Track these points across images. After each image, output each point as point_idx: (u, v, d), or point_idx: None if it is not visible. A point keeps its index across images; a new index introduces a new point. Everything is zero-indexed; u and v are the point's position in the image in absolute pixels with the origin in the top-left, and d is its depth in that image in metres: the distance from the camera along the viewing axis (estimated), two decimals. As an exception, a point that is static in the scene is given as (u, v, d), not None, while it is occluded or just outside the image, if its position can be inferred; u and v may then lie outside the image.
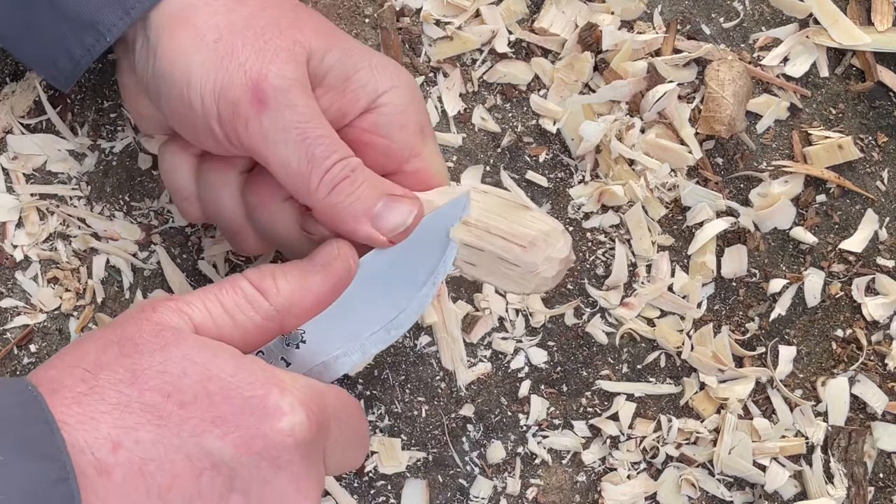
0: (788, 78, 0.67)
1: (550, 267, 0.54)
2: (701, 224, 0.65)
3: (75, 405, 0.44)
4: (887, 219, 0.66)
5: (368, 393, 0.64)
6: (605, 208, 0.65)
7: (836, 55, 0.67)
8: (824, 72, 0.67)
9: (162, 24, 0.52)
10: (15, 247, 0.63)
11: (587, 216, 0.65)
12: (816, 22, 0.67)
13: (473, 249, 0.54)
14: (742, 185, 0.66)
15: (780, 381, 0.65)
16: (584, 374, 0.65)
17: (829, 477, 0.64)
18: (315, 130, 0.51)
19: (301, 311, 0.51)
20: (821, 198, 0.66)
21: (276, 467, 0.46)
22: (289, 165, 0.51)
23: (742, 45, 0.67)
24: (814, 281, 0.65)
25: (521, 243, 0.54)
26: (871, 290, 0.66)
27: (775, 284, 0.65)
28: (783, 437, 0.64)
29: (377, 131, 0.54)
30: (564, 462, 0.64)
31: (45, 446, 0.43)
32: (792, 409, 0.65)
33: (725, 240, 0.66)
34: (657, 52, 0.66)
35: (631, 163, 0.65)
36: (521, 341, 0.64)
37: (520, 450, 0.64)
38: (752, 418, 0.64)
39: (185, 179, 0.56)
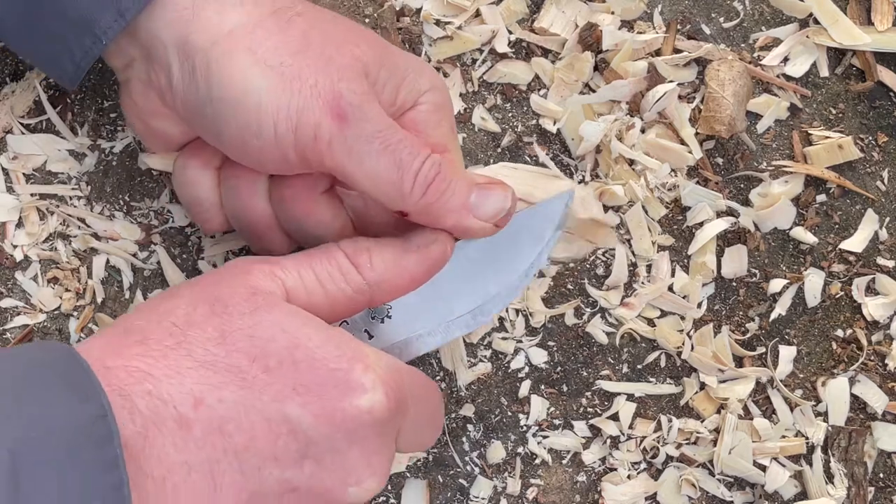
0: (788, 78, 0.67)
1: (594, 233, 0.58)
2: (701, 224, 0.65)
3: (162, 358, 0.45)
4: (887, 219, 0.66)
5: (368, 393, 0.64)
6: (605, 208, 0.65)
7: (837, 55, 0.67)
8: (824, 72, 0.67)
9: (210, 48, 0.51)
10: (15, 247, 0.63)
11: (587, 216, 0.65)
12: (816, 22, 0.67)
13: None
14: (742, 185, 0.66)
15: (781, 381, 0.65)
16: (585, 374, 0.65)
17: (830, 477, 0.64)
18: (394, 136, 0.52)
19: (392, 289, 0.52)
20: (821, 198, 0.66)
21: (351, 441, 0.47)
22: (378, 176, 0.51)
23: (742, 45, 0.67)
24: (814, 281, 0.65)
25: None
26: (871, 290, 0.66)
27: (775, 284, 0.65)
28: (783, 437, 0.64)
29: (416, 127, 0.55)
30: (564, 462, 0.64)
31: (83, 388, 0.43)
32: (792, 409, 0.65)
33: (725, 240, 0.66)
34: (657, 52, 0.66)
35: (631, 163, 0.65)
36: (521, 341, 0.64)
37: (520, 450, 0.64)
38: (752, 418, 0.64)
39: (208, 191, 0.56)
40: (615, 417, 0.64)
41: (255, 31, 0.52)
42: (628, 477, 0.64)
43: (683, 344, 0.64)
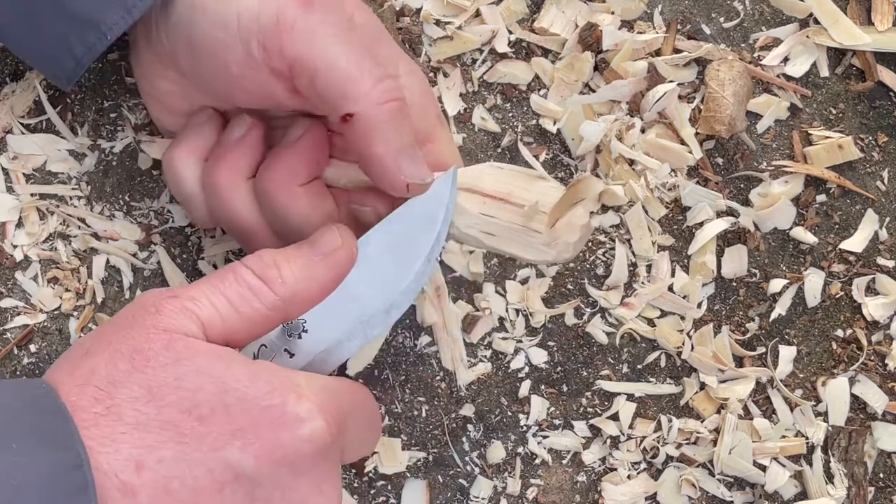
0: (788, 78, 0.67)
1: (572, 233, 0.55)
2: (701, 224, 0.65)
3: (93, 427, 0.44)
4: (887, 219, 0.66)
5: (368, 393, 0.64)
6: (605, 208, 0.65)
7: (837, 55, 0.67)
8: (824, 72, 0.67)
9: None
10: (15, 247, 0.63)
11: (587, 216, 0.65)
12: (816, 22, 0.67)
13: (493, 220, 0.55)
14: (742, 185, 0.66)
15: (781, 381, 0.65)
16: (585, 374, 0.65)
17: (830, 477, 0.64)
18: (360, 42, 0.51)
19: (305, 300, 0.51)
20: (821, 198, 0.66)
21: (297, 474, 0.46)
22: (337, 67, 0.50)
23: (742, 45, 0.67)
24: (814, 281, 0.65)
25: (543, 210, 0.55)
26: (871, 290, 0.66)
27: (775, 284, 0.65)
28: (783, 437, 0.64)
29: None
30: (564, 462, 0.64)
31: (59, 435, 0.43)
32: (792, 409, 0.65)
33: (725, 240, 0.66)
34: (657, 52, 0.66)
35: (631, 163, 0.65)
36: (521, 341, 0.64)
37: (520, 450, 0.64)
38: (752, 418, 0.64)
39: (194, 185, 0.56)
40: (615, 417, 0.64)
41: None
42: (628, 477, 0.64)
43: (683, 344, 0.64)
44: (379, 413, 0.54)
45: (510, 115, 0.66)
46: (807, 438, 0.64)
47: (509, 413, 0.64)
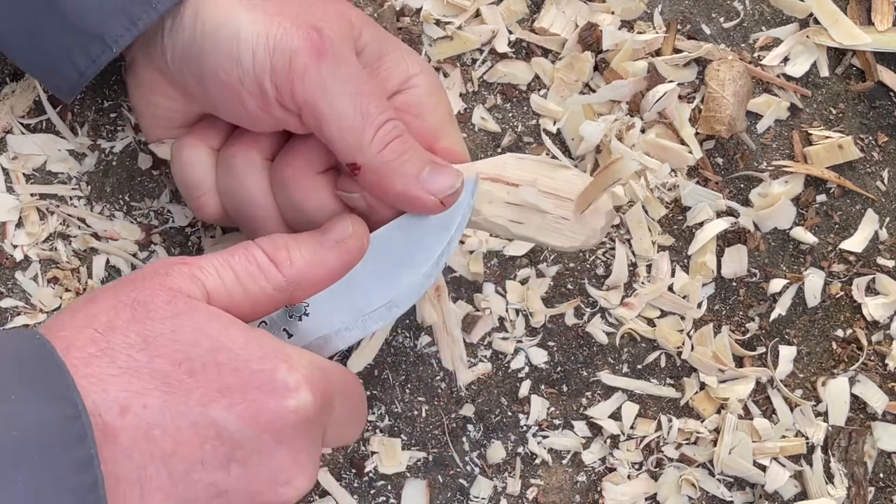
0: (788, 78, 0.67)
1: (598, 218, 0.56)
2: (701, 224, 0.65)
3: (84, 366, 0.45)
4: (887, 219, 0.66)
5: (369, 393, 0.64)
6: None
7: (837, 55, 0.67)
8: (824, 72, 0.67)
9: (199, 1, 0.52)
10: (15, 247, 0.63)
11: (587, 216, 0.65)
12: (816, 22, 0.67)
13: (520, 209, 0.55)
14: (742, 185, 0.66)
15: (781, 381, 0.65)
16: (585, 374, 0.65)
17: (830, 477, 0.64)
18: (367, 86, 0.52)
19: (311, 285, 0.52)
20: (821, 198, 0.66)
21: (278, 441, 0.47)
22: (343, 118, 0.51)
23: (742, 45, 0.67)
24: (814, 281, 0.65)
25: (569, 197, 0.55)
26: (871, 290, 0.66)
27: (775, 284, 0.65)
28: (783, 437, 0.64)
29: (409, 110, 0.55)
30: (565, 462, 0.64)
31: (55, 386, 0.43)
32: (792, 409, 0.65)
33: (725, 240, 0.66)
34: (657, 52, 0.66)
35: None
36: (521, 341, 0.64)
37: (520, 450, 0.64)
38: (752, 418, 0.64)
39: (204, 173, 0.56)
40: (616, 417, 0.64)
41: None
42: (628, 477, 0.64)
43: (683, 344, 0.64)
44: (365, 405, 0.55)
45: (510, 115, 0.66)
46: (807, 438, 0.64)
47: (509, 413, 0.64)
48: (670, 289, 0.65)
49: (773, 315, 0.65)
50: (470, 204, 0.55)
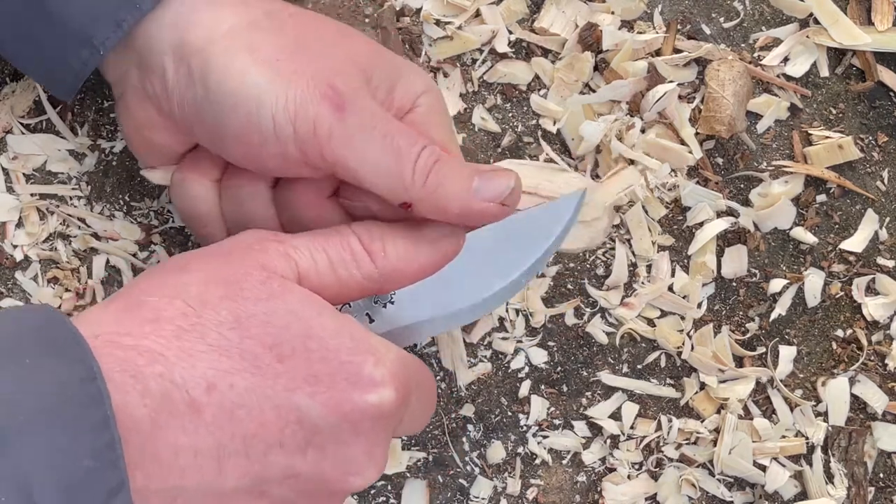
0: (788, 78, 0.67)
1: (601, 219, 0.57)
2: (701, 224, 0.65)
3: (175, 339, 0.45)
4: (887, 219, 0.66)
5: (368, 393, 0.64)
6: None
7: (837, 55, 0.67)
8: (824, 72, 0.67)
9: (208, 48, 0.51)
10: (15, 247, 0.63)
11: (587, 216, 0.65)
12: (816, 22, 0.67)
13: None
14: (742, 185, 0.66)
15: (781, 381, 0.65)
16: (585, 374, 0.65)
17: (830, 477, 0.64)
18: (391, 125, 0.52)
19: (402, 278, 0.52)
20: (821, 198, 0.66)
21: (356, 433, 0.47)
22: (379, 166, 0.51)
23: (742, 45, 0.67)
24: (814, 281, 0.65)
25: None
26: (871, 290, 0.66)
27: (775, 284, 0.65)
28: (783, 437, 0.64)
29: (416, 129, 0.55)
30: (564, 462, 0.64)
31: (71, 351, 0.43)
32: (792, 409, 0.65)
33: (725, 240, 0.66)
34: (657, 52, 0.66)
35: (631, 163, 0.65)
36: (521, 341, 0.64)
37: (520, 450, 0.64)
38: (752, 418, 0.64)
39: (209, 207, 0.56)
40: (616, 417, 0.64)
41: (251, 30, 0.52)
42: (628, 477, 0.64)
43: (683, 344, 0.64)
44: (435, 398, 0.55)
45: (510, 115, 0.66)
46: (807, 438, 0.64)
47: (509, 413, 0.64)
48: (670, 289, 0.65)
49: (773, 315, 0.65)
50: (573, 217, 0.54)
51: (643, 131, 0.65)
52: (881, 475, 0.65)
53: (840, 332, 0.66)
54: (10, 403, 0.41)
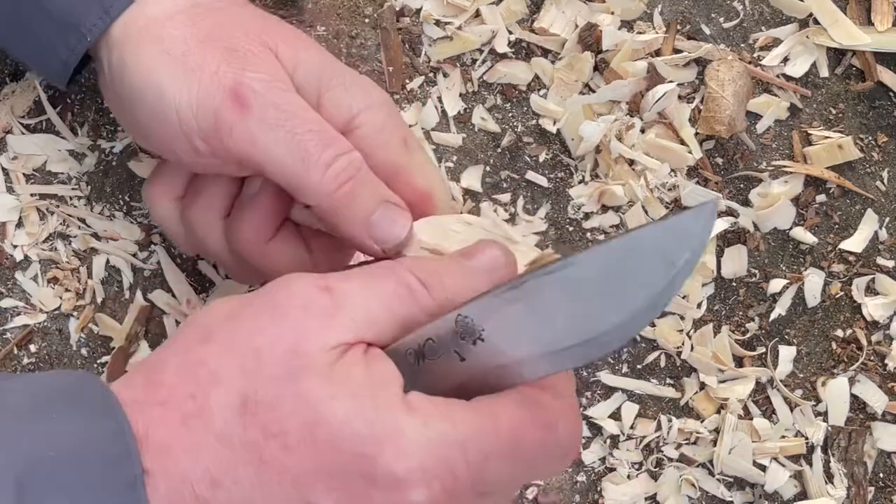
0: (788, 78, 0.67)
1: None
2: (701, 224, 0.65)
3: (181, 426, 0.42)
4: (887, 219, 0.66)
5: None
6: (605, 208, 0.65)
7: (836, 55, 0.67)
8: (824, 72, 0.67)
9: (124, 41, 0.52)
10: (15, 247, 0.63)
11: (587, 216, 0.65)
12: (816, 22, 0.67)
13: None
14: (742, 185, 0.66)
15: (780, 381, 0.65)
16: (584, 374, 0.65)
17: (829, 477, 0.64)
18: (303, 125, 0.50)
19: (456, 306, 0.46)
20: (821, 198, 0.66)
21: None
22: (284, 165, 0.50)
23: (742, 45, 0.67)
24: (814, 281, 0.65)
25: None
26: (871, 290, 0.66)
27: (775, 284, 0.65)
28: (783, 437, 0.64)
29: (361, 150, 0.52)
30: (564, 462, 0.64)
31: (99, 406, 0.42)
32: (792, 409, 0.65)
33: (725, 240, 0.66)
34: (657, 52, 0.66)
35: (631, 163, 0.65)
36: (521, 341, 0.64)
37: (520, 450, 0.64)
38: (752, 418, 0.64)
39: (174, 226, 0.56)
40: (616, 417, 0.64)
41: (165, 23, 0.52)
42: (628, 477, 0.64)
43: (683, 344, 0.64)
44: (574, 437, 0.45)
45: (510, 115, 0.66)
46: (807, 438, 0.64)
47: (509, 413, 0.64)
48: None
49: (773, 315, 0.65)
50: (703, 238, 0.44)
51: (643, 131, 0.65)
52: (881, 475, 0.65)
53: (840, 332, 0.66)
54: (34, 464, 0.39)
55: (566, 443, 0.45)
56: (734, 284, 0.66)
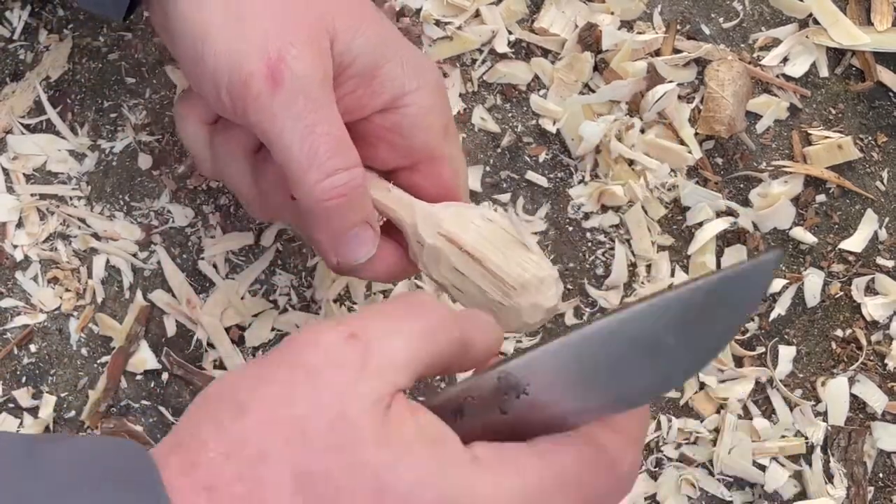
0: (788, 78, 0.67)
1: (535, 314, 0.51)
2: (701, 224, 0.65)
3: None
4: (887, 219, 0.66)
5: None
6: (605, 208, 0.65)
7: (836, 55, 0.67)
8: (824, 72, 0.67)
9: None
10: (15, 247, 0.63)
11: (587, 216, 0.65)
12: (816, 22, 0.67)
13: (464, 278, 0.52)
14: (742, 185, 0.66)
15: (780, 381, 0.65)
16: (584, 373, 0.65)
17: (829, 477, 0.64)
18: (323, 125, 0.49)
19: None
20: (820, 198, 0.66)
21: None
22: (290, 150, 0.49)
23: (742, 45, 0.67)
24: (814, 281, 0.65)
25: (512, 284, 0.51)
26: (870, 290, 0.66)
27: (775, 284, 0.65)
28: (783, 437, 0.64)
29: (399, 132, 0.53)
30: (564, 462, 0.64)
31: (142, 482, 0.38)
32: (792, 409, 0.65)
33: (725, 240, 0.66)
34: (657, 52, 0.66)
35: (631, 163, 0.65)
36: (520, 341, 0.64)
37: (520, 450, 0.64)
38: (751, 418, 0.64)
39: (199, 147, 0.55)
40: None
41: None
42: (628, 477, 0.64)
43: (683, 344, 0.64)
44: (627, 474, 0.42)
45: (510, 115, 0.66)
46: (806, 438, 0.64)
47: (509, 413, 0.64)
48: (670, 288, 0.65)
49: (773, 315, 0.65)
50: (767, 285, 0.41)
51: (643, 131, 0.65)
52: (880, 475, 0.65)
53: (839, 332, 0.66)
54: None
55: (626, 479, 0.43)
56: (734, 284, 0.65)
